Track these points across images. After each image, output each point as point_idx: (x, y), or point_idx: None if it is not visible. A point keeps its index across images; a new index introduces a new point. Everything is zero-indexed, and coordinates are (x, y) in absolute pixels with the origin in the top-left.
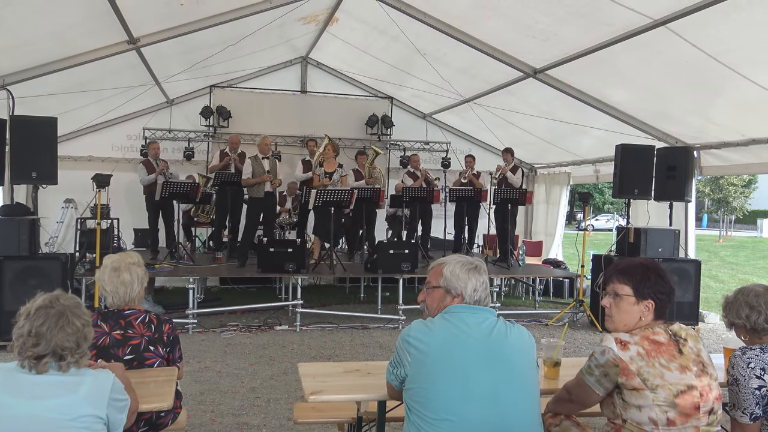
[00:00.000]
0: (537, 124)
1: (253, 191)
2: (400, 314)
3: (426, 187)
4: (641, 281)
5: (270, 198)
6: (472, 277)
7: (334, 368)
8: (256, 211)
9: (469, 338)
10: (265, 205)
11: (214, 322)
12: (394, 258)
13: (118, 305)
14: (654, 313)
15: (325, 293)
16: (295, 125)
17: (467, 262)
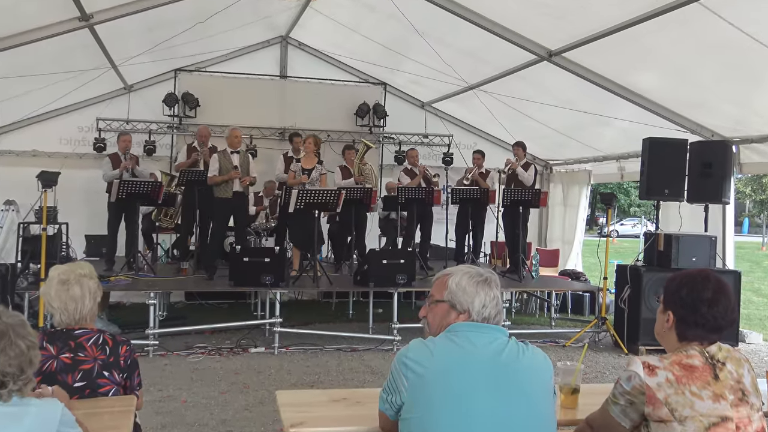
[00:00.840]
0: (552, 114)
1: (220, 191)
2: (394, 334)
3: (425, 186)
4: (667, 287)
5: (239, 199)
6: (481, 291)
7: (318, 397)
8: (223, 214)
9: (475, 361)
10: (234, 206)
11: (178, 343)
12: (387, 269)
13: (67, 324)
14: (675, 330)
15: (308, 310)
16: (274, 115)
17: (476, 273)
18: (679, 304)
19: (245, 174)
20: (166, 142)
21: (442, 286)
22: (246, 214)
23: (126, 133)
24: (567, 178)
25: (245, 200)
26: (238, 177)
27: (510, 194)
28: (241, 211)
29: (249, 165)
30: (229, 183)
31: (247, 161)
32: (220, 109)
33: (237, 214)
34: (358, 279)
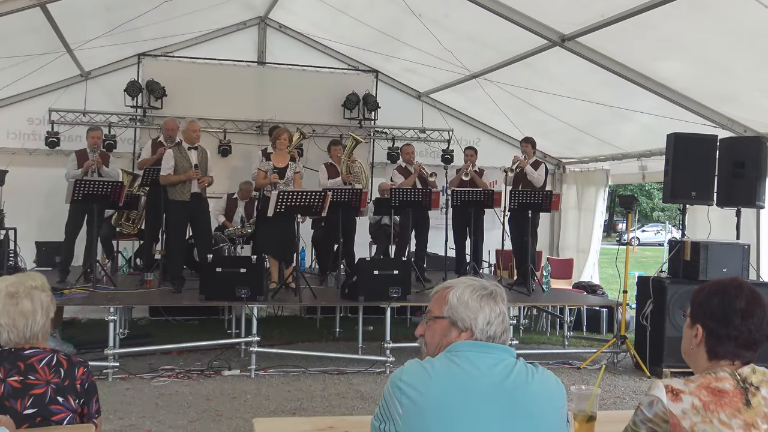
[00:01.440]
0: (565, 106)
1: (176, 192)
2: (387, 355)
3: (421, 187)
4: (695, 298)
5: (198, 201)
6: (486, 306)
7: (301, 425)
8: (179, 220)
9: (478, 385)
10: (193, 211)
11: (142, 365)
12: (379, 281)
13: (16, 343)
14: (705, 346)
15: (290, 327)
16: (251, 106)
17: (480, 286)
18: (708, 316)
19: (204, 173)
20: (128, 137)
21: (442, 300)
22: (206, 218)
23: (96, 128)
24: (582, 179)
25: (205, 203)
26: (197, 177)
27: (517, 196)
28: (201, 215)
29: (207, 163)
30: (186, 184)
31: (206, 159)
32: (189, 99)
33: (196, 219)
34: (345, 292)
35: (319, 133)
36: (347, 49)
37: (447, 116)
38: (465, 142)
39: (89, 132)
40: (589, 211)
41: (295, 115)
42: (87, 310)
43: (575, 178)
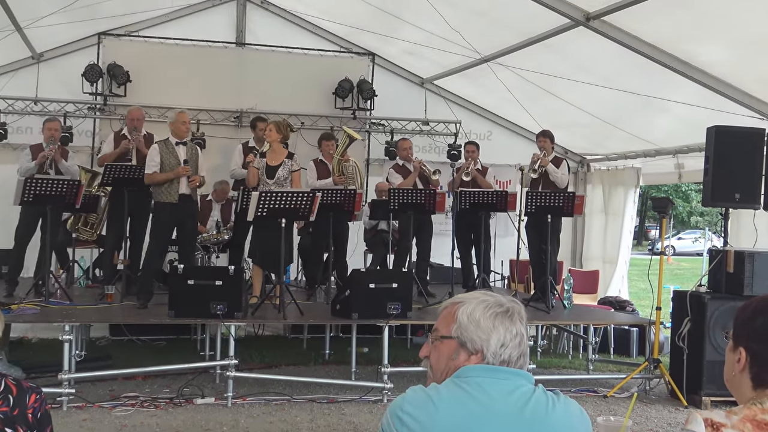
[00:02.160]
0: (590, 95)
1: (161, 193)
2: (384, 380)
3: (423, 188)
4: (738, 317)
5: (187, 204)
6: (500, 326)
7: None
8: (165, 224)
9: (491, 415)
10: (180, 214)
11: (101, 392)
12: (376, 296)
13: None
14: (749, 372)
15: (272, 348)
16: (228, 94)
17: (495, 303)
18: (753, 338)
19: (194, 172)
20: (86, 128)
21: (450, 317)
22: (195, 223)
23: (54, 119)
24: (609, 178)
25: (194, 206)
26: (187, 175)
27: (535, 198)
28: (189, 221)
29: (198, 160)
30: (173, 183)
31: (196, 156)
32: (157, 85)
33: (183, 225)
34: (337, 308)
35: (307, 125)
36: (339, 29)
37: (454, 106)
38: (474, 135)
39: (46, 123)
40: (617, 215)
41: (279, 104)
42: (38, 328)
43: (601, 177)
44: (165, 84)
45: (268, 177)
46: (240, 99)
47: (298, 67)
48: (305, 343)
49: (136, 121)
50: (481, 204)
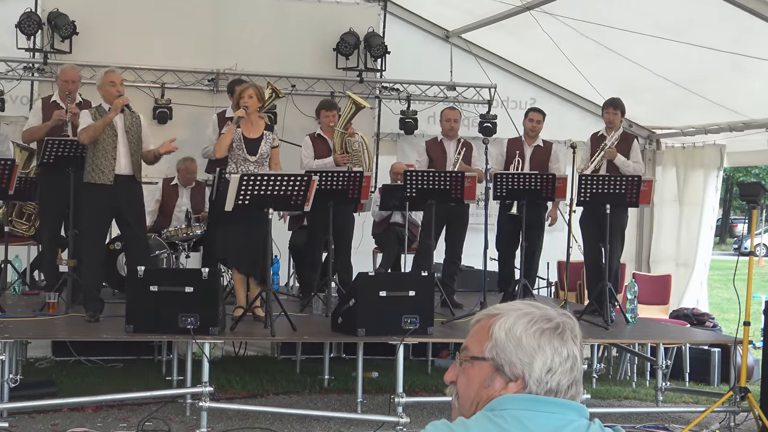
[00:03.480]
0: (660, 52)
1: (91, 172)
2: (399, 413)
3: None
4: None
5: (126, 186)
6: (547, 346)
7: None
8: (96, 213)
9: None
10: (117, 200)
11: (42, 426)
12: (387, 307)
13: None
14: None
15: (257, 373)
16: (201, 51)
17: (541, 317)
18: None
19: (136, 146)
20: (21, 93)
21: (484, 334)
22: (139, 212)
23: None
24: (684, 159)
25: (136, 188)
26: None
27: (591, 183)
28: (132, 208)
29: (140, 131)
30: (107, 159)
31: (138, 125)
32: (110, 39)
33: (125, 213)
34: (339, 322)
35: (301, 91)
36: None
37: (488, 66)
38: (513, 104)
39: None
40: (694, 205)
41: (265, 63)
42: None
43: (675, 157)
44: (121, 38)
45: (249, 152)
46: (216, 57)
47: (290, 17)
48: (299, 366)
49: (70, 84)
50: (522, 191)
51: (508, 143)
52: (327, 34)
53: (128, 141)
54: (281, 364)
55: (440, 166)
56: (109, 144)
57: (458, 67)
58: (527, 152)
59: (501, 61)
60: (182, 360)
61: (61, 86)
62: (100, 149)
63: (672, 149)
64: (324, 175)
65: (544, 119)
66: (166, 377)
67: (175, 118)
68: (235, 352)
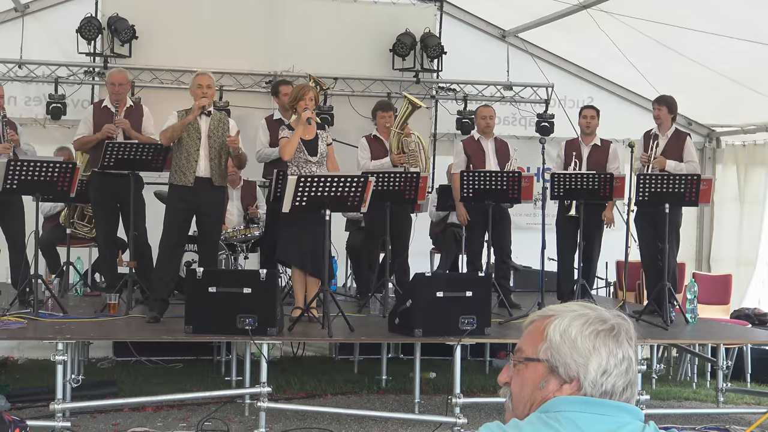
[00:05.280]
0: (721, 49)
1: (173, 174)
2: (456, 414)
3: (504, 172)
4: None
5: (206, 190)
6: (602, 348)
7: None
8: (176, 214)
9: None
10: (199, 202)
11: (103, 426)
12: (445, 307)
13: None
14: None
15: (315, 373)
16: (258, 54)
17: (596, 318)
18: None
19: (217, 147)
20: (82, 98)
21: (538, 335)
22: (217, 215)
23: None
24: (745, 157)
25: (217, 193)
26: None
27: (649, 183)
28: (209, 211)
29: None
30: (189, 161)
31: (224, 129)
32: (169, 43)
33: (201, 216)
34: (396, 323)
35: (358, 92)
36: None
37: (544, 65)
38: (570, 102)
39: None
40: (755, 204)
41: (321, 64)
42: (25, 346)
43: (735, 155)
44: (179, 41)
45: (309, 153)
46: (273, 60)
47: (347, 19)
48: (356, 367)
49: (117, 86)
50: (579, 190)
51: (565, 144)
52: (383, 35)
53: (209, 145)
54: (339, 365)
55: (478, 164)
56: (192, 147)
57: (515, 66)
58: (584, 152)
59: (558, 60)
60: (241, 360)
61: (109, 90)
62: (183, 151)
63: (732, 147)
64: (381, 176)
65: (598, 116)
66: (225, 377)
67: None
68: (293, 352)
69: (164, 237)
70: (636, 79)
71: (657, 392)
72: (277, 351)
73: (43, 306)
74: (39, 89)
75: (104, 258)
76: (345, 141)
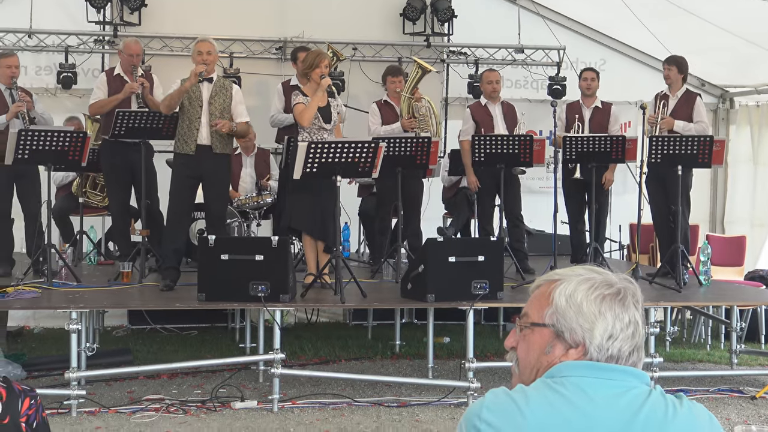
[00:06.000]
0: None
1: (177, 142)
2: (469, 379)
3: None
4: None
5: (208, 157)
6: (608, 312)
7: None
8: (181, 181)
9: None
10: (202, 170)
11: (119, 394)
12: (458, 272)
13: None
14: None
15: (329, 339)
16: (268, 20)
17: (603, 282)
18: None
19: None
20: (92, 66)
21: (544, 300)
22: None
23: (9, 53)
24: (759, 117)
25: (221, 161)
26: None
27: (661, 144)
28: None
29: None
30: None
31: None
32: (179, 10)
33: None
34: (408, 288)
35: (368, 57)
36: None
37: (556, 28)
38: (582, 64)
39: (1, 59)
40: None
41: (331, 30)
42: (40, 315)
43: (749, 116)
44: (189, 9)
45: (324, 121)
46: (283, 26)
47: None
48: (370, 332)
49: (135, 57)
50: (591, 153)
51: (566, 108)
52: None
53: (210, 112)
54: (353, 330)
55: (487, 129)
56: (193, 114)
57: (526, 29)
58: (586, 115)
59: (570, 21)
60: (255, 327)
61: (125, 60)
62: (186, 119)
63: (746, 108)
64: (391, 142)
65: (598, 77)
66: (240, 344)
67: (244, 87)
68: (307, 318)
69: (170, 205)
70: (648, 41)
71: (671, 354)
72: (291, 317)
73: (57, 275)
74: (49, 58)
75: (117, 227)
76: (356, 107)
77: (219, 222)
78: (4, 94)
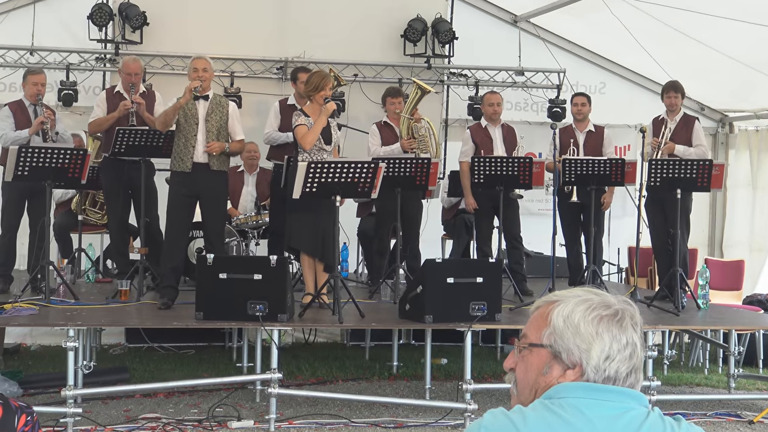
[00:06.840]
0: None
1: (173, 160)
2: (467, 400)
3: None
4: None
5: (205, 175)
6: (605, 334)
7: None
8: (178, 199)
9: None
10: (199, 188)
11: (115, 412)
12: (455, 293)
13: None
14: None
15: (326, 360)
16: (269, 40)
17: (600, 303)
18: None
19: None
20: (93, 84)
21: (542, 321)
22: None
23: (38, 71)
24: (758, 142)
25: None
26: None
27: (661, 168)
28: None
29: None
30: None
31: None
32: (180, 29)
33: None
34: (406, 309)
35: (369, 78)
36: None
37: (556, 51)
38: (582, 88)
39: (28, 76)
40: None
41: (332, 51)
42: (37, 333)
43: (748, 140)
44: (191, 28)
45: (325, 142)
46: (284, 45)
47: (358, 5)
48: (368, 353)
49: (133, 76)
50: (590, 176)
51: (560, 132)
52: (394, 20)
53: (207, 129)
54: (350, 351)
55: (487, 151)
56: (189, 132)
57: (526, 51)
58: (580, 139)
59: (570, 45)
60: (252, 347)
61: (124, 79)
62: (182, 137)
63: (745, 132)
64: (391, 162)
65: (589, 102)
66: (237, 364)
67: (244, 107)
68: (304, 338)
69: (168, 224)
70: (648, 65)
71: (668, 378)
72: (289, 337)
73: (55, 293)
74: (50, 76)
75: (116, 244)
76: (356, 127)
77: (217, 239)
78: (29, 110)
